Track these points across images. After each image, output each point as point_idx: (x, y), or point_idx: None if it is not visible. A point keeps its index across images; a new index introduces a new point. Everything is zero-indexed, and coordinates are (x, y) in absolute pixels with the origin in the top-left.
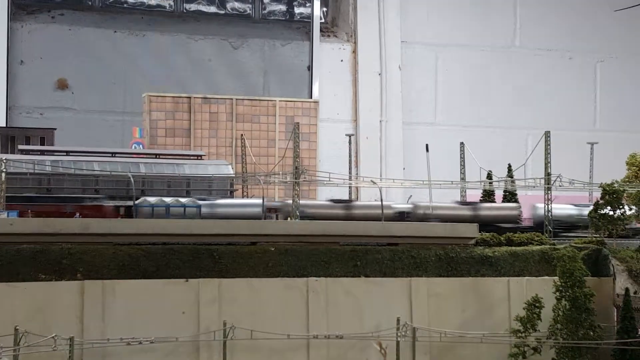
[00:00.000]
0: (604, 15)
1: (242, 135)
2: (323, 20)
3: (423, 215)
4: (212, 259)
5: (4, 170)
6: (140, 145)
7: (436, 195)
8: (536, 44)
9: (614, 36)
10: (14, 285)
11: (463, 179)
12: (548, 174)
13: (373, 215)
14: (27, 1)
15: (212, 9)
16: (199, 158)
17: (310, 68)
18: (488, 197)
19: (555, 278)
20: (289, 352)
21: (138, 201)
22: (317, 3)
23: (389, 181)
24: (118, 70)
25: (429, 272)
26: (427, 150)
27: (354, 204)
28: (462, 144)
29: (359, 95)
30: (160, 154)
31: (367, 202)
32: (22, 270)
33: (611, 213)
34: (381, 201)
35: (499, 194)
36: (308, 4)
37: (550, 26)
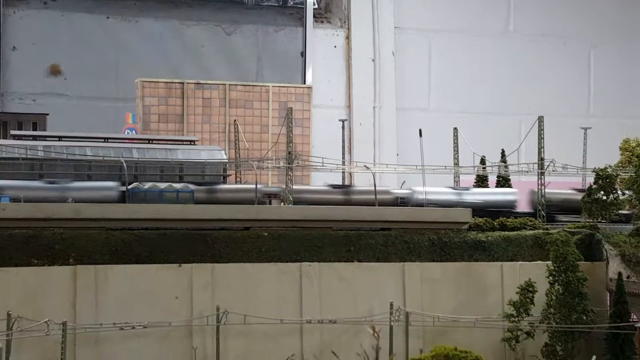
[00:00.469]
0: (598, 0)
1: (235, 120)
2: (316, 6)
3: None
4: (206, 244)
5: None
6: (133, 131)
7: (429, 180)
8: (530, 29)
9: (608, 22)
10: (6, 270)
11: (456, 164)
12: (541, 159)
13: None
14: None
15: None
16: (192, 143)
17: (303, 54)
18: (481, 183)
19: (549, 262)
20: (282, 337)
21: (131, 186)
22: None
23: (382, 166)
24: (111, 56)
25: (422, 257)
26: (421, 135)
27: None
28: (456, 129)
29: (352, 81)
30: (153, 140)
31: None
32: (15, 255)
33: (604, 198)
34: (374, 186)
35: (492, 180)
36: None
37: (544, 11)
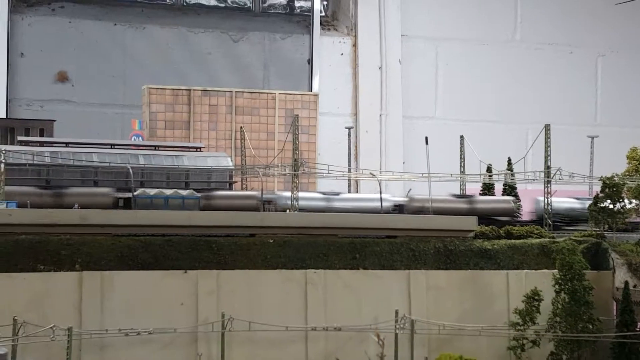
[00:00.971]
0: (605, 8)
1: (242, 127)
2: (323, 13)
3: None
4: (211, 251)
5: (4, 161)
6: (140, 138)
7: (435, 188)
8: (537, 37)
9: (615, 30)
10: (12, 275)
11: (463, 172)
12: (548, 167)
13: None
14: None
15: (213, 2)
16: (198, 150)
17: (310, 61)
18: (488, 191)
19: (555, 271)
20: (287, 344)
21: (137, 192)
22: None
23: (388, 174)
24: (118, 62)
25: (428, 265)
26: (427, 143)
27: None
28: (462, 137)
29: (359, 89)
30: (159, 146)
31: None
32: (21, 261)
33: (611, 206)
34: (380, 193)
35: (499, 188)
36: None
37: (551, 20)
